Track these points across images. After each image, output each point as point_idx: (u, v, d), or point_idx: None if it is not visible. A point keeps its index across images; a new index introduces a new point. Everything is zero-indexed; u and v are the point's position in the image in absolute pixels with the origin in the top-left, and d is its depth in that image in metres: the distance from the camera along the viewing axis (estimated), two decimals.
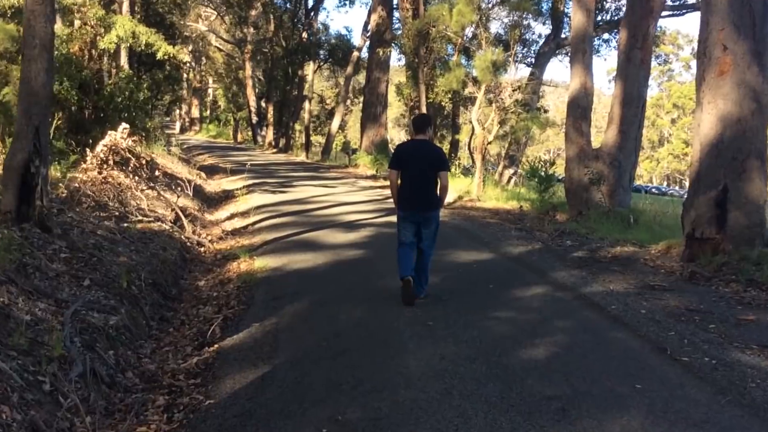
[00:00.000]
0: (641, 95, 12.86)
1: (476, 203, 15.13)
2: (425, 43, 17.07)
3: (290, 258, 8.38)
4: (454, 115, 25.68)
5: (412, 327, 5.34)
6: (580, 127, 13.04)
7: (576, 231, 10.84)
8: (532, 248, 9.25)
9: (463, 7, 14.75)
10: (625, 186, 12.92)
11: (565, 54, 26.14)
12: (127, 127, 9.48)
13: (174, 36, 35.18)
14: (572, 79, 13.19)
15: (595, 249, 9.10)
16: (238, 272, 7.92)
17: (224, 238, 10.26)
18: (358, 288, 6.81)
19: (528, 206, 13.99)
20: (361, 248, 9.06)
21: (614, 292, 6.55)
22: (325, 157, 31.83)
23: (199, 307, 6.67)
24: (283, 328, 5.50)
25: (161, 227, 9.29)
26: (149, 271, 7.06)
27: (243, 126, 52.71)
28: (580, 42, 13.11)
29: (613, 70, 60.83)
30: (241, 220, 12.08)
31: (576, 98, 13.08)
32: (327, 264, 8.03)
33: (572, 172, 13.00)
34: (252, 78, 42.07)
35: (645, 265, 7.90)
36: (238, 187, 17.43)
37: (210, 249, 9.64)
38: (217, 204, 14.69)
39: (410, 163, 6.26)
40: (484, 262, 8.19)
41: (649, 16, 12.67)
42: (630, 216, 12.19)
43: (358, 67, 34.91)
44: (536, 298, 6.37)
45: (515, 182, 19.80)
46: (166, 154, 19.32)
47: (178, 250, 8.78)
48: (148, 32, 12.30)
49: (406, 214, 6.34)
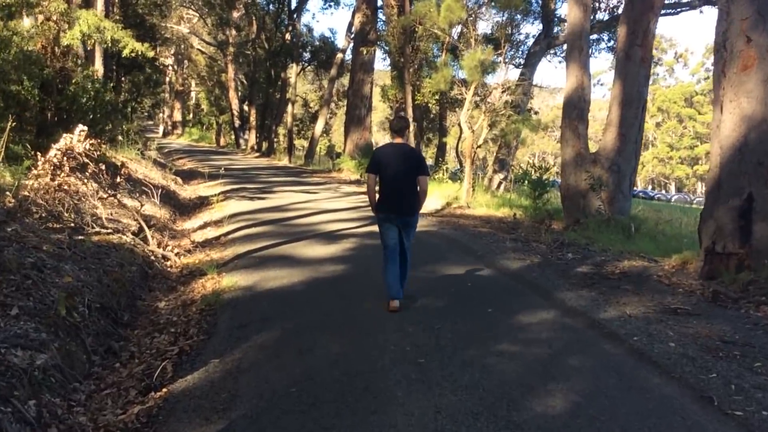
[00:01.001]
0: (642, 96, 12.10)
1: (466, 210, 14.30)
2: (411, 42, 16.23)
3: (263, 275, 7.49)
4: (441, 118, 24.80)
5: (400, 366, 4.47)
6: (576, 129, 12.26)
7: (576, 242, 10.04)
8: (531, 262, 8.41)
9: (452, 3, 13.93)
10: (625, 192, 12.15)
11: (554, 54, 25.48)
12: (85, 129, 8.51)
13: (154, 37, 34.30)
14: (568, 78, 12.40)
15: (600, 263, 8.28)
16: (204, 292, 7.04)
17: (193, 251, 9.34)
18: (337, 312, 5.93)
19: (521, 214, 13.18)
20: (342, 263, 8.18)
21: (633, 318, 5.70)
22: (309, 161, 30.95)
23: (154, 335, 5.77)
24: (246, 366, 4.61)
25: (121, 240, 8.36)
26: (98, 292, 6.14)
27: (226, 130, 51.77)
28: (577, 39, 12.34)
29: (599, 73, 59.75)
30: (214, 230, 11.18)
31: (572, 98, 12.31)
32: (304, 282, 7.15)
33: (569, 178, 12.22)
34: (234, 81, 41.15)
35: (659, 282, 7.08)
36: (215, 193, 16.54)
37: (176, 263, 8.72)
38: (190, 212, 13.76)
39: (389, 167, 6.14)
40: (480, 280, 7.33)
41: (650, 11, 11.92)
42: (631, 225, 11.42)
43: (343, 69, 34.11)
44: (544, 326, 5.51)
45: (505, 188, 19.00)
46: (140, 159, 18.34)
47: (138, 266, 7.86)
48: (114, 28, 11.36)
49: (385, 218, 6.21)
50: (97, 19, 11.05)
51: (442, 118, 24.62)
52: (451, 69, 15.76)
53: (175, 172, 22.26)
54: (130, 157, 17.58)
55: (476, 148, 15.71)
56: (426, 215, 13.57)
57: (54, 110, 11.86)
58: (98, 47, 21.79)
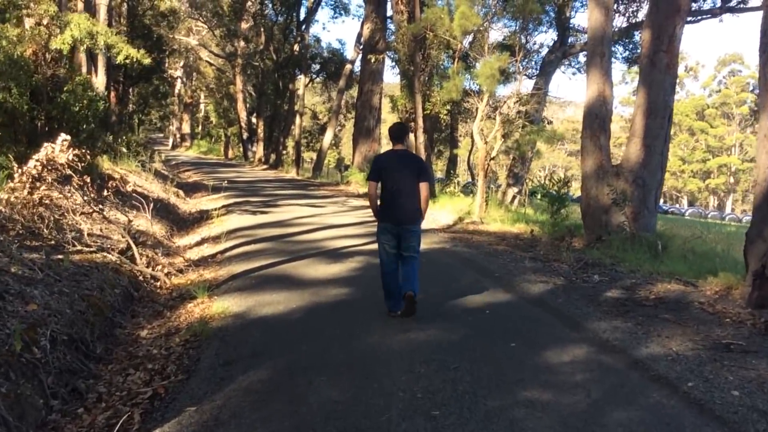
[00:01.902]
0: (667, 105, 11.33)
1: (479, 226, 13.54)
2: (421, 50, 15.53)
3: (258, 299, 6.76)
4: (452, 129, 24.05)
5: (410, 420, 3.70)
6: (598, 140, 11.49)
7: (600, 261, 9.25)
8: (554, 285, 7.63)
9: (466, 9, 13.23)
10: (651, 207, 11.35)
11: (568, 65, 24.76)
12: (68, 138, 7.85)
13: (161, 49, 33.90)
14: (589, 86, 11.66)
15: (632, 287, 7.48)
16: (191, 319, 6.32)
17: (186, 270, 8.62)
18: (337, 346, 5.18)
19: (538, 230, 12.40)
20: (346, 285, 7.43)
21: (681, 357, 4.91)
22: (317, 173, 30.32)
23: (129, 372, 5.04)
24: (226, 417, 3.86)
25: (106, 259, 7.65)
26: (68, 321, 5.41)
27: (234, 142, 51.34)
28: (598, 44, 11.60)
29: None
30: (211, 247, 10.48)
31: (593, 107, 11.55)
32: (302, 308, 6.40)
33: (590, 191, 11.45)
34: (243, 92, 40.64)
35: (702, 311, 6.28)
36: (218, 206, 15.88)
37: (167, 284, 8.00)
38: (189, 227, 13.07)
39: (391, 174, 6.03)
40: (499, 306, 6.56)
41: (676, 14, 11.18)
42: (657, 242, 10.62)
43: (352, 80, 33.55)
44: (577, 365, 4.73)
45: (520, 202, 18.22)
46: (141, 171, 17.70)
47: (122, 289, 7.15)
48: (108, 33, 10.72)
49: (386, 226, 6.07)
50: (89, 23, 10.42)
51: (453, 129, 23.87)
52: (463, 77, 15.05)
53: (179, 184, 21.67)
54: (130, 169, 16.97)
55: (490, 161, 14.98)
56: (438, 231, 12.82)
57: (44, 119, 11.22)
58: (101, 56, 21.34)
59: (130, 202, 10.54)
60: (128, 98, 35.90)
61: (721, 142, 73.92)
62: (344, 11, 36.81)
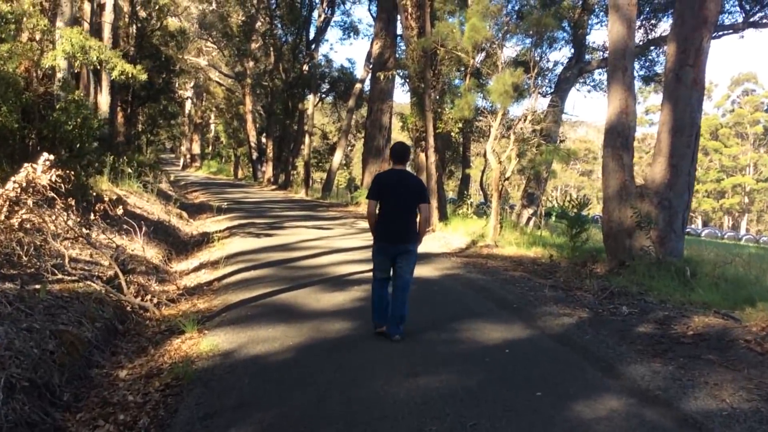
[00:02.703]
0: (695, 122, 10.66)
1: (494, 250, 12.85)
2: (432, 66, 14.96)
3: (252, 334, 6.11)
4: (464, 148, 23.39)
5: None
6: (621, 158, 10.80)
7: (626, 290, 8.54)
8: (579, 318, 6.93)
9: (477, 22, 12.66)
10: (678, 231, 10.62)
11: (583, 83, 24.15)
12: (50, 158, 7.27)
13: (169, 69, 33.68)
14: (610, 101, 11.00)
15: (665, 320, 6.77)
16: (177, 356, 5.68)
17: (178, 300, 8.00)
18: (336, 396, 4.50)
19: (557, 254, 11.70)
20: (350, 318, 6.76)
21: (737, 412, 4.19)
22: (326, 194, 29.76)
23: (97, 424, 4.40)
24: None
25: (90, 288, 7.03)
26: (31, 364, 4.79)
27: (244, 162, 51.07)
28: (620, 58, 10.95)
29: None
30: (209, 272, 9.87)
31: (615, 124, 10.88)
32: (299, 347, 5.74)
33: (612, 213, 10.75)
34: (252, 113, 40.37)
35: (749, 350, 5.55)
36: (221, 228, 15.31)
37: (156, 315, 7.37)
38: (189, 250, 12.47)
39: (390, 194, 6.04)
40: (520, 344, 5.86)
41: (703, 27, 10.53)
42: (686, 268, 9.89)
43: (361, 100, 33.14)
44: (616, 422, 4.02)
45: (535, 223, 17.51)
46: (143, 193, 17.16)
47: (105, 322, 6.51)
48: (101, 47, 10.21)
49: (383, 246, 6.08)
50: (81, 37, 9.90)
51: (465, 148, 23.22)
52: (475, 95, 14.46)
53: (183, 205, 21.16)
54: (132, 190, 16.45)
55: (504, 181, 14.32)
56: (450, 255, 12.14)
57: (36, 138, 10.70)
58: (104, 75, 20.96)
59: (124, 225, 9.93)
60: (137, 119, 35.65)
61: (735, 161, 73.01)
62: (353, 31, 36.45)
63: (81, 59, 10.15)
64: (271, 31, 35.70)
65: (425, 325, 6.45)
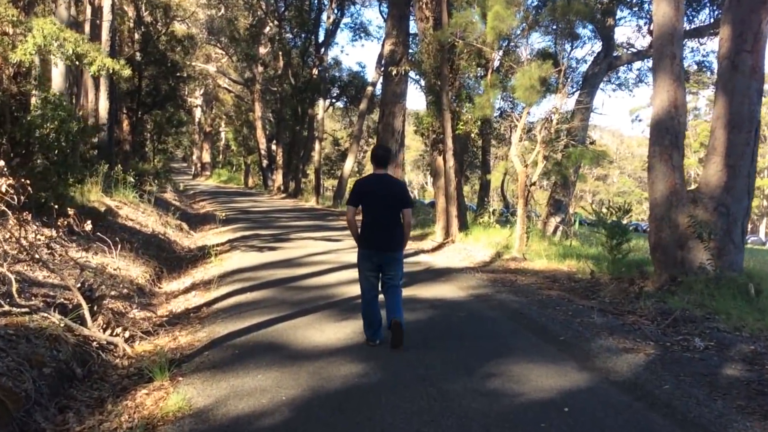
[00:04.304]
0: (754, 116, 9.28)
1: (521, 263, 11.49)
2: (449, 61, 13.64)
3: (235, 384, 4.81)
4: (484, 151, 21.93)
5: None
6: (670, 159, 9.43)
7: (690, 313, 7.17)
8: (646, 355, 5.56)
9: (501, 10, 11.33)
10: (737, 241, 9.23)
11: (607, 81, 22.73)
12: (1, 164, 6.06)
13: (175, 74, 32.73)
14: (657, 94, 9.65)
15: (754, 358, 5.39)
16: (137, 417, 4.40)
17: (157, 331, 6.73)
18: None
19: (594, 267, 10.33)
20: (360, 358, 5.45)
21: None
22: (338, 202, 28.54)
23: None
24: None
25: (46, 322, 5.78)
26: None
27: (254, 170, 50.06)
28: (667, 44, 9.59)
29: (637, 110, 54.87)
30: (200, 294, 8.62)
31: (663, 120, 9.52)
32: (294, 403, 4.42)
33: (661, 222, 9.37)
34: (262, 119, 39.33)
35: None
36: (222, 241, 14.10)
37: (128, 352, 6.09)
38: (183, 267, 11.23)
39: (372, 199, 5.85)
40: (581, 399, 4.50)
41: (761, 7, 9.18)
42: (750, 284, 8.51)
43: (373, 104, 31.99)
44: None
45: (563, 232, 16.12)
46: (139, 203, 15.98)
47: (58, 366, 5.25)
48: (79, 40, 9.00)
49: (368, 254, 5.87)
50: (55, 28, 8.70)
51: (485, 151, 21.78)
52: (497, 91, 13.13)
53: (187, 216, 20.04)
54: (126, 200, 15.27)
55: (530, 186, 12.98)
56: (474, 270, 10.80)
57: (8, 144, 9.49)
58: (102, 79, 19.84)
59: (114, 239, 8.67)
60: (144, 126, 34.64)
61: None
62: (364, 33, 35.36)
63: (55, 53, 8.94)
64: (280, 34, 34.63)
65: (453, 368, 5.13)
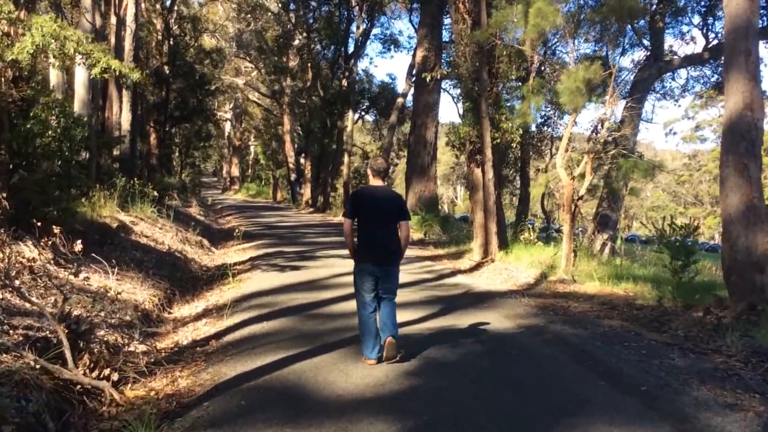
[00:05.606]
0: None
1: (570, 286, 10.31)
2: (488, 64, 12.56)
3: None
4: (523, 163, 20.72)
5: None
6: (746, 169, 8.20)
7: None
8: (757, 414, 4.39)
9: (544, 6, 10.26)
10: None
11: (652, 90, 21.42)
12: None
13: (203, 87, 32.32)
14: (729, 96, 8.44)
15: None
16: None
17: (155, 371, 5.73)
18: None
19: (656, 292, 9.13)
20: (396, 414, 4.35)
21: None
22: None
23: None
24: None
25: (15, 363, 4.82)
26: None
27: (283, 184, 49.40)
28: (741, 39, 8.39)
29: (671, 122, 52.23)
30: (211, 323, 7.65)
31: (737, 125, 8.30)
32: None
33: (736, 241, 8.13)
34: (290, 133, 38.70)
35: None
36: (244, 259, 13.18)
37: (116, 399, 5.08)
38: (199, 288, 10.30)
39: (370, 211, 5.77)
40: None
41: None
42: None
43: (403, 115, 31.06)
44: None
45: (611, 251, 14.86)
46: (157, 218, 15.14)
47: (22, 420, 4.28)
48: (81, 39, 8.16)
49: (366, 268, 5.71)
50: (56, 26, 7.86)
51: (524, 163, 20.57)
52: (541, 97, 12.01)
53: (210, 232, 19.22)
54: (143, 216, 14.43)
55: (578, 200, 11.80)
56: (518, 294, 9.64)
57: (7, 155, 8.65)
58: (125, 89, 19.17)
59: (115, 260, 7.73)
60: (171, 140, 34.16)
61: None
62: (393, 44, 34.36)
63: (55, 53, 8.10)
64: (309, 46, 33.94)
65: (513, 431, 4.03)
